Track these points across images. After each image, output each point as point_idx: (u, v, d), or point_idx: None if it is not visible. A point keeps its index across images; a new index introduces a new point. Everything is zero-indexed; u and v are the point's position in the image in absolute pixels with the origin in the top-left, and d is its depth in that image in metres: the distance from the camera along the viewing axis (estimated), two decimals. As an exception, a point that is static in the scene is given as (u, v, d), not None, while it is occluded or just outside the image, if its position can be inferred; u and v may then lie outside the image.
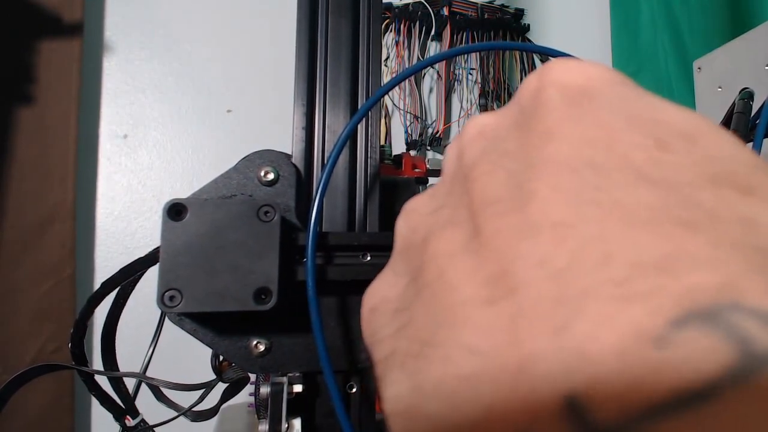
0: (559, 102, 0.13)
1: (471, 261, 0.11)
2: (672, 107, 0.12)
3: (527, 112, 0.13)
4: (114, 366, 0.43)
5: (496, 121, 0.15)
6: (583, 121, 0.12)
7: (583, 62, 0.14)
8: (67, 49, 0.89)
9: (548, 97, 0.13)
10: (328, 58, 0.36)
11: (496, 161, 0.13)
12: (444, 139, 1.11)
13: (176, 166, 1.01)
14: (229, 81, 1.04)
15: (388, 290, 0.15)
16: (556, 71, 0.14)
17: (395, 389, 0.12)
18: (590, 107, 0.12)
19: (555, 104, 0.13)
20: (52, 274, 0.86)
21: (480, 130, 0.15)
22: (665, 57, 1.17)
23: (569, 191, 0.11)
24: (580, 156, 0.11)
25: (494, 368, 0.10)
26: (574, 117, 0.12)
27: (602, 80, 0.13)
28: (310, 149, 0.35)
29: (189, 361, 0.60)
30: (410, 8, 1.09)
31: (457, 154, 0.15)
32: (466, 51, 0.56)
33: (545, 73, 0.14)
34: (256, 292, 0.27)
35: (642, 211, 0.10)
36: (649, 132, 0.11)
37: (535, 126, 0.13)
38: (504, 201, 0.11)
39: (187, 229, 0.27)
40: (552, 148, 0.11)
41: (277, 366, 0.32)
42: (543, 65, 0.15)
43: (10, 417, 0.79)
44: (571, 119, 0.12)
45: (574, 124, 0.12)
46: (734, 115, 0.40)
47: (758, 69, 0.78)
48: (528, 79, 0.14)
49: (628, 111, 0.12)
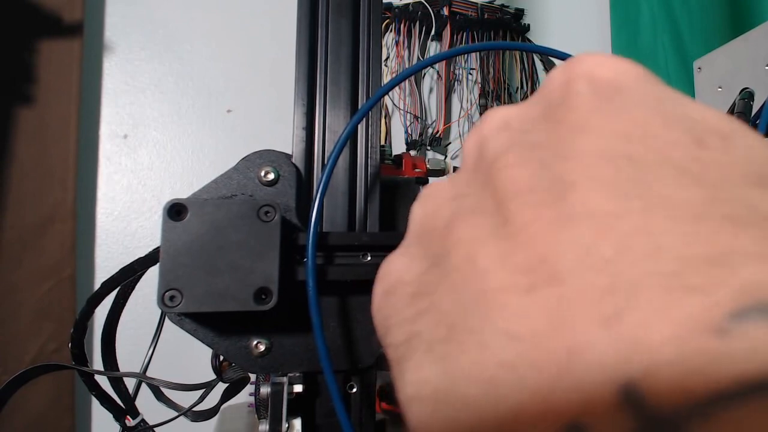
0: (590, 95, 0.13)
1: (502, 247, 0.11)
2: (704, 107, 0.12)
3: (555, 104, 0.13)
4: (114, 366, 0.43)
5: (521, 113, 0.14)
6: (616, 115, 0.12)
7: (611, 56, 0.14)
8: (67, 49, 0.89)
9: (578, 90, 0.13)
10: (328, 58, 0.36)
11: (524, 153, 0.13)
12: (444, 139, 1.11)
13: (176, 166, 1.01)
14: (229, 81, 1.04)
15: (405, 273, 0.15)
16: (586, 64, 0.13)
17: (421, 373, 0.12)
18: (622, 102, 0.12)
19: (586, 97, 0.13)
20: (52, 274, 0.86)
21: (504, 121, 0.14)
22: (665, 57, 1.17)
23: (609, 183, 0.10)
24: (617, 149, 0.11)
25: (539, 355, 0.10)
26: (606, 111, 0.12)
27: (632, 76, 0.13)
28: (310, 149, 0.35)
29: (189, 361, 0.60)
30: (410, 8, 1.09)
31: (479, 144, 0.15)
32: (466, 51, 0.56)
33: (574, 66, 0.14)
34: (256, 292, 0.27)
35: (687, 206, 0.10)
36: (685, 129, 0.11)
37: (565, 118, 0.12)
38: (537, 192, 0.11)
39: (188, 229, 0.27)
40: (586, 141, 0.11)
41: (277, 366, 0.32)
42: (570, 59, 0.14)
43: (10, 417, 0.79)
44: (603, 112, 0.12)
45: (607, 117, 0.12)
46: (734, 115, 0.40)
47: (758, 69, 0.78)
48: (554, 71, 0.14)
49: (660, 107, 0.12)
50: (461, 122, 1.12)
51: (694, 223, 0.09)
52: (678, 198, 0.10)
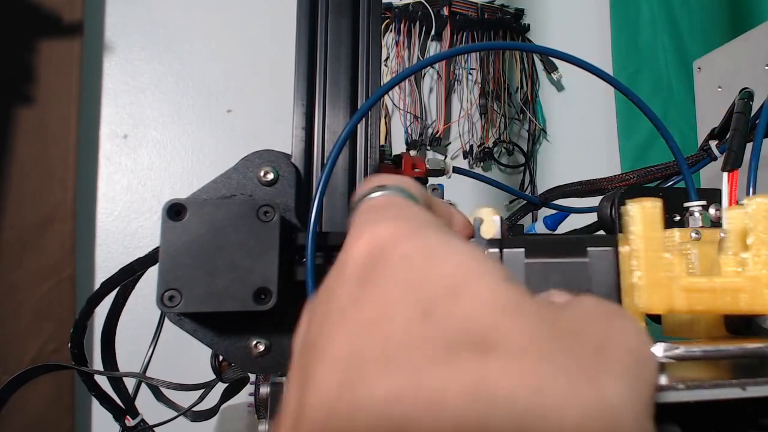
0: (352, 282, 0.16)
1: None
2: (448, 254, 0.16)
3: (332, 286, 0.17)
4: (114, 366, 0.43)
5: (328, 282, 0.18)
6: (364, 303, 0.15)
7: (378, 221, 0.17)
8: (67, 49, 0.89)
9: (347, 277, 0.17)
10: (327, 58, 0.36)
11: (313, 327, 0.17)
12: (444, 139, 1.11)
13: (176, 166, 1.01)
14: (229, 81, 1.04)
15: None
16: (354, 244, 0.17)
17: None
18: (375, 281, 0.16)
19: (349, 286, 0.16)
20: (52, 274, 0.86)
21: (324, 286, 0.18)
22: (665, 57, 1.17)
23: (333, 380, 0.14)
24: (351, 349, 0.14)
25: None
26: (357, 300, 0.16)
27: (390, 242, 0.16)
28: (309, 149, 0.35)
29: (189, 361, 0.60)
30: (410, 8, 1.09)
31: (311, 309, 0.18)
32: (466, 51, 0.56)
33: (350, 244, 0.17)
34: (255, 292, 0.27)
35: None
36: (418, 297, 0.15)
37: (332, 306, 0.16)
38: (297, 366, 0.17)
39: (187, 229, 0.27)
40: (332, 342, 0.15)
41: (276, 366, 0.32)
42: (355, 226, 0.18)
43: (10, 417, 0.79)
44: (354, 305, 0.16)
45: (355, 310, 0.15)
46: (734, 115, 0.40)
47: (758, 69, 0.78)
48: (349, 243, 0.18)
49: (407, 273, 0.16)
50: (461, 122, 1.12)
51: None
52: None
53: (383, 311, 0.15)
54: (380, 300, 0.15)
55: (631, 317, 0.18)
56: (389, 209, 0.19)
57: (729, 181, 0.34)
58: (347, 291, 0.16)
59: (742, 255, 0.22)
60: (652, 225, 0.23)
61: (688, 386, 0.22)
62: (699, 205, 0.31)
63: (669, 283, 0.22)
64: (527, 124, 1.16)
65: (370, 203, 0.20)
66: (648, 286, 0.22)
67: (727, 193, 0.34)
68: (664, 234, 0.23)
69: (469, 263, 0.16)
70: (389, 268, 0.16)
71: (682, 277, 0.22)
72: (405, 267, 0.16)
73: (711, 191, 0.35)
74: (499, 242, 0.24)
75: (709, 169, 0.47)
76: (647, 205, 0.23)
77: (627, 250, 0.23)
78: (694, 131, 0.94)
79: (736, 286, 0.22)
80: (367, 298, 0.15)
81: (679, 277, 0.22)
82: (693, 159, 0.43)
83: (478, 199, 1.04)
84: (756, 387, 0.22)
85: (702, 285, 0.22)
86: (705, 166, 0.43)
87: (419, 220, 0.18)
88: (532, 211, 0.60)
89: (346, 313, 0.15)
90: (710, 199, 0.33)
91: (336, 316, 0.16)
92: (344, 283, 0.16)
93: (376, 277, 0.16)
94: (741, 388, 0.22)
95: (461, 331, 0.14)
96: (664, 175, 0.45)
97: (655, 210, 0.23)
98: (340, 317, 0.16)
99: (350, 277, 0.16)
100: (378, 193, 0.20)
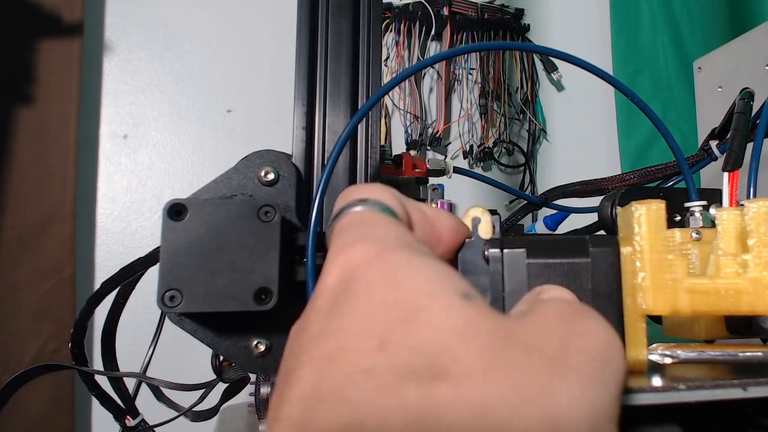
0: (323, 312, 0.17)
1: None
2: (409, 277, 0.17)
3: (309, 312, 0.18)
4: (114, 366, 0.43)
5: (306, 310, 0.18)
6: (327, 336, 0.16)
7: (350, 245, 0.18)
8: (67, 49, 0.89)
9: (318, 306, 0.17)
10: (328, 58, 0.36)
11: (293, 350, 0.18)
12: (444, 139, 1.11)
13: (176, 166, 1.01)
14: (229, 81, 1.04)
15: None
16: (328, 271, 0.18)
17: None
18: (339, 311, 0.16)
19: (318, 316, 0.17)
20: (52, 274, 0.86)
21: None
22: (665, 57, 1.17)
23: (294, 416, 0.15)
24: (312, 385, 0.15)
25: None
26: (321, 333, 0.16)
27: (358, 266, 0.17)
28: (310, 149, 0.35)
29: (189, 361, 0.60)
30: (410, 8, 1.09)
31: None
32: (466, 51, 0.56)
33: (325, 270, 0.18)
34: (256, 292, 0.27)
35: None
36: (376, 328, 0.15)
37: (305, 335, 0.17)
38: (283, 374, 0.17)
39: (188, 229, 0.27)
40: (297, 376, 0.16)
41: (277, 366, 0.31)
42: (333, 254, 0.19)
43: (10, 417, 0.79)
44: (319, 337, 0.16)
45: (319, 343, 0.16)
46: (734, 115, 0.40)
47: (758, 69, 0.78)
48: (324, 273, 0.18)
49: (367, 301, 0.16)
50: (461, 122, 1.12)
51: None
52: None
53: (343, 344, 0.15)
54: (342, 331, 0.16)
55: (597, 317, 0.18)
56: (362, 228, 0.19)
57: (729, 181, 0.34)
58: (317, 322, 0.17)
59: (742, 256, 0.22)
60: (657, 227, 0.23)
61: (689, 386, 0.22)
62: (699, 205, 0.31)
63: (673, 285, 0.22)
64: (527, 124, 1.16)
65: (346, 220, 0.20)
66: (653, 288, 0.22)
67: (728, 193, 0.34)
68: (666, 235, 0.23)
69: (426, 284, 0.16)
70: (353, 297, 0.17)
71: (685, 279, 0.22)
72: (367, 295, 0.16)
73: (711, 191, 0.35)
74: (499, 242, 0.24)
75: (710, 169, 0.47)
76: (653, 206, 0.23)
77: (629, 251, 0.23)
78: (695, 131, 0.94)
79: (738, 288, 0.22)
80: (330, 330, 0.16)
81: (683, 279, 0.22)
82: (693, 159, 0.43)
83: (478, 199, 1.04)
84: (757, 387, 0.22)
85: (705, 286, 0.22)
86: (705, 166, 0.43)
87: (389, 239, 0.18)
88: (532, 211, 0.60)
89: (312, 346, 0.16)
90: (711, 199, 0.33)
91: (306, 348, 0.16)
92: (315, 313, 0.17)
93: (341, 308, 0.17)
94: (742, 389, 0.22)
95: (413, 359, 0.15)
96: (664, 175, 0.45)
97: (660, 212, 0.23)
98: (307, 349, 0.16)
99: (321, 307, 0.17)
100: (355, 208, 0.20)
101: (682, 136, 1.10)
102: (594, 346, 0.16)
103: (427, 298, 0.16)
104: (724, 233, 0.23)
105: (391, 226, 0.20)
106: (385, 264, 0.17)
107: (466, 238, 0.24)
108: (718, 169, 0.37)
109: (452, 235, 0.24)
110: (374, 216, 0.20)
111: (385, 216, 0.20)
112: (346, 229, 0.20)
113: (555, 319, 0.17)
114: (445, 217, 0.24)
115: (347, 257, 0.18)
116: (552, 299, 0.18)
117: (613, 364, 0.16)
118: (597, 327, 0.17)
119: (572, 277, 0.23)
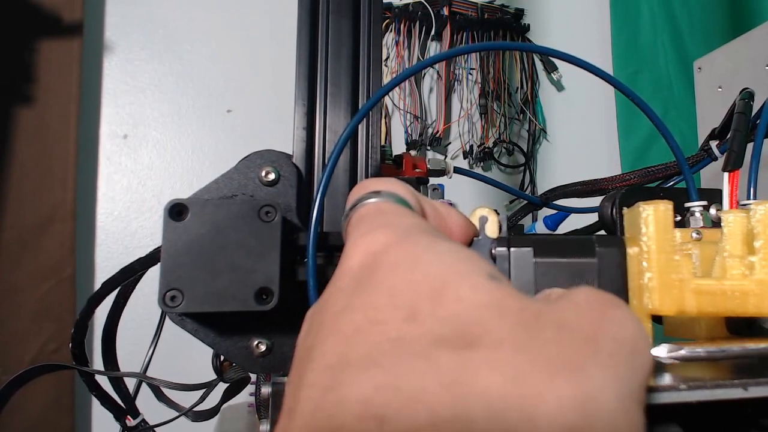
0: (345, 292, 0.17)
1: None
2: (433, 258, 0.17)
3: (331, 294, 0.18)
4: (114, 366, 0.43)
5: (326, 292, 0.19)
6: (354, 311, 0.16)
7: (370, 232, 0.18)
8: (67, 49, 0.89)
9: (341, 287, 0.18)
10: (328, 58, 0.36)
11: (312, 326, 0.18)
12: (444, 139, 1.11)
13: (176, 166, 1.01)
14: (229, 81, 1.04)
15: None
16: (351, 255, 0.18)
17: None
18: (365, 289, 0.17)
19: (342, 295, 0.17)
20: (52, 274, 0.86)
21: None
22: (665, 57, 1.17)
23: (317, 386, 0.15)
24: (338, 355, 0.15)
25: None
26: (346, 309, 0.16)
27: (381, 251, 0.17)
28: (310, 149, 0.35)
29: (189, 361, 0.60)
30: (410, 8, 1.09)
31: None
32: (466, 51, 0.56)
33: (347, 255, 0.18)
34: (257, 292, 0.27)
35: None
36: (403, 301, 0.16)
37: (326, 312, 0.17)
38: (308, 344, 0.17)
39: (188, 229, 0.27)
40: (322, 348, 0.16)
41: (278, 366, 0.32)
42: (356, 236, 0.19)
43: (10, 417, 0.79)
44: (344, 313, 0.16)
45: (345, 318, 0.16)
46: (735, 115, 0.40)
47: (758, 69, 0.78)
48: (347, 253, 0.19)
49: (393, 279, 0.16)
50: (461, 122, 1.12)
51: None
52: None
53: (371, 317, 0.16)
54: (368, 306, 0.16)
55: (626, 307, 0.18)
56: (381, 217, 0.20)
57: (730, 181, 0.34)
58: (341, 300, 0.17)
59: (749, 258, 0.22)
60: (664, 227, 0.23)
61: (689, 386, 0.22)
62: (700, 206, 0.31)
63: (680, 286, 0.22)
64: (527, 124, 1.16)
65: (363, 211, 0.20)
66: (659, 288, 0.22)
67: (728, 193, 0.34)
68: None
69: (452, 264, 0.17)
70: (378, 277, 0.17)
71: (692, 280, 0.22)
72: (392, 274, 0.17)
73: (711, 191, 0.35)
74: (506, 241, 0.24)
75: (710, 169, 0.47)
76: (660, 207, 0.23)
77: (636, 252, 0.23)
78: (695, 131, 0.94)
79: (744, 289, 0.22)
80: (356, 305, 0.16)
81: (690, 280, 0.22)
82: (694, 159, 0.43)
83: (478, 199, 1.04)
84: (758, 387, 0.22)
85: (712, 287, 0.22)
86: (705, 166, 0.43)
87: (408, 226, 0.19)
88: (532, 211, 0.60)
89: (337, 321, 0.16)
90: (711, 200, 0.33)
91: (328, 324, 0.17)
92: (339, 292, 0.17)
93: (366, 286, 0.17)
94: (743, 389, 0.22)
95: (444, 329, 0.15)
96: (664, 175, 0.45)
97: (667, 212, 0.23)
98: (331, 325, 0.16)
99: (344, 287, 0.17)
100: (371, 199, 0.21)
101: (682, 136, 1.10)
102: (625, 334, 0.16)
103: (455, 276, 0.16)
104: (730, 235, 0.23)
105: (408, 215, 0.20)
106: (409, 246, 0.17)
107: (473, 236, 0.24)
108: (718, 169, 0.37)
109: (462, 232, 0.24)
110: (391, 206, 0.20)
111: (401, 206, 0.20)
112: (364, 218, 0.20)
113: (586, 306, 0.17)
114: (455, 214, 0.24)
115: (369, 242, 0.18)
116: (581, 289, 0.18)
117: (642, 354, 0.16)
118: (628, 317, 0.17)
119: (578, 277, 0.23)
